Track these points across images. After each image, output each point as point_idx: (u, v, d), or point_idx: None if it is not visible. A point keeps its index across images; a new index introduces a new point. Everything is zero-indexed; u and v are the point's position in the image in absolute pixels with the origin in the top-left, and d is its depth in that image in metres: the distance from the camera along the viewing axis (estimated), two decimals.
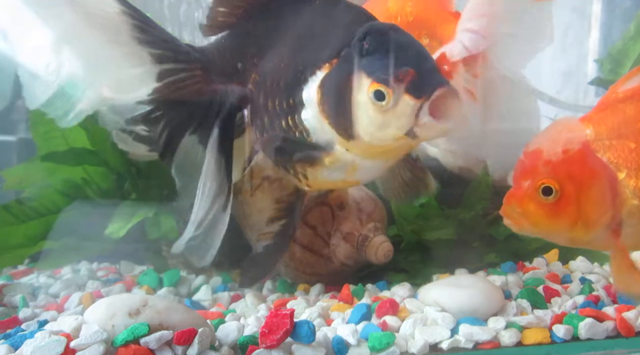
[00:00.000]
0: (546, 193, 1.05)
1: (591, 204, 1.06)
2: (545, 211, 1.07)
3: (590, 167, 1.07)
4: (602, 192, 1.06)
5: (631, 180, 1.06)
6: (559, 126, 1.12)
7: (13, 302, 1.27)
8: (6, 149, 1.93)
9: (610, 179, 1.06)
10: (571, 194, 1.05)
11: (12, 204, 1.34)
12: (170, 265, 1.53)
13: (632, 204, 1.06)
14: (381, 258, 1.35)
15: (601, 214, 1.06)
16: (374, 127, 1.01)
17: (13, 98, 2.01)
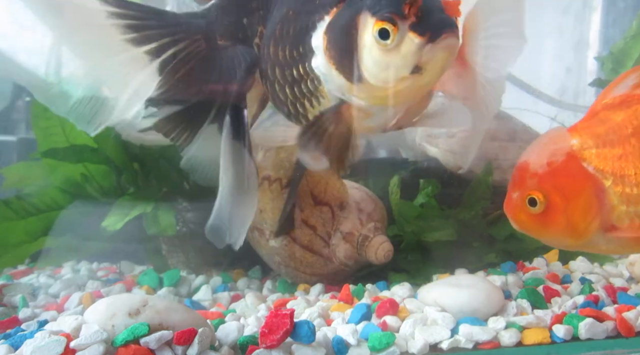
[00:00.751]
0: (532, 204, 1.10)
1: (578, 213, 1.09)
2: (534, 221, 1.11)
3: (575, 177, 1.10)
4: (588, 200, 1.09)
5: (618, 187, 1.08)
6: (546, 138, 1.16)
7: (13, 302, 1.27)
8: (6, 149, 1.93)
9: (597, 188, 1.09)
10: (558, 204, 1.09)
11: (12, 200, 1.34)
12: (170, 265, 1.53)
13: (621, 210, 1.08)
14: (381, 258, 1.35)
15: (589, 222, 1.09)
16: (379, 68, 0.99)
17: (13, 98, 2.02)
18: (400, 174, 1.55)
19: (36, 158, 1.50)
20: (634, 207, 1.08)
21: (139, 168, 1.46)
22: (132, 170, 1.44)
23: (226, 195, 1.12)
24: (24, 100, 2.04)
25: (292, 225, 1.36)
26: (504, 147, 1.66)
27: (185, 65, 1.11)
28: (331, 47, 1.02)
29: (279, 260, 1.41)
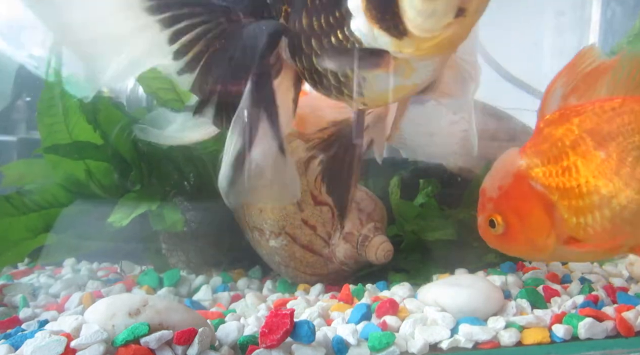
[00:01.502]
0: (492, 226, 1.19)
1: (533, 230, 1.15)
2: (499, 240, 1.21)
3: (525, 196, 1.16)
4: (539, 217, 1.14)
5: (564, 201, 1.13)
6: (499, 162, 1.23)
7: (13, 302, 1.27)
8: (6, 149, 1.93)
9: (546, 204, 1.14)
10: (514, 224, 1.17)
11: (14, 196, 1.34)
12: (170, 265, 1.53)
13: (572, 223, 1.13)
14: (381, 258, 1.35)
15: (545, 237, 1.14)
16: (423, 17, 0.96)
17: (13, 98, 2.02)
18: (400, 174, 1.55)
19: (37, 155, 1.50)
20: (583, 219, 1.12)
21: (145, 166, 1.46)
22: (140, 168, 1.45)
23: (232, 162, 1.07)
24: (24, 100, 2.04)
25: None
26: (504, 147, 1.66)
27: (203, 41, 1.08)
28: (371, 6, 0.99)
29: (279, 260, 1.41)
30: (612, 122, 1.14)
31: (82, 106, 1.40)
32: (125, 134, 1.40)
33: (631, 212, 1.10)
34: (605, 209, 1.11)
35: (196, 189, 1.56)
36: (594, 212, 1.12)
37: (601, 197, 1.11)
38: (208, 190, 1.55)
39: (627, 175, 1.11)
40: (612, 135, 1.13)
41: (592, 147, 1.13)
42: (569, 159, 1.14)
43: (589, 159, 1.12)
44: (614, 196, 1.10)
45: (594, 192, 1.11)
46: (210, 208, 1.57)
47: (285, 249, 1.38)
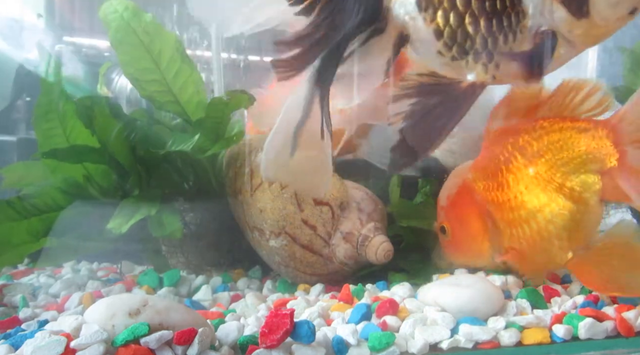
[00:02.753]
0: (443, 232, 1.31)
1: (471, 237, 1.26)
2: (448, 246, 1.33)
3: (467, 207, 1.27)
4: (475, 226, 1.25)
5: (498, 213, 1.22)
6: (452, 174, 1.35)
7: (13, 302, 1.27)
8: (6, 149, 1.93)
9: (482, 214, 1.24)
10: (457, 230, 1.29)
11: (15, 200, 1.34)
12: (170, 265, 1.53)
13: (507, 233, 1.21)
14: (381, 258, 1.35)
15: (479, 244, 1.25)
16: (609, 3, 0.96)
17: (13, 98, 2.02)
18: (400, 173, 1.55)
19: (36, 158, 1.50)
20: (515, 230, 1.20)
21: (143, 171, 1.46)
22: (138, 172, 1.44)
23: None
24: (24, 100, 2.05)
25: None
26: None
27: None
28: None
29: (279, 260, 1.41)
30: (541, 140, 1.20)
31: (78, 111, 1.40)
32: (123, 138, 1.40)
33: (556, 226, 1.17)
34: (532, 222, 1.18)
35: (196, 190, 1.56)
36: (523, 224, 1.19)
37: (528, 211, 1.18)
38: (207, 192, 1.56)
39: (554, 191, 1.17)
40: (541, 152, 1.19)
41: (522, 164, 1.20)
42: (502, 175, 1.22)
43: (519, 175, 1.20)
44: (539, 211, 1.17)
45: (521, 206, 1.19)
46: (210, 209, 1.57)
47: (285, 249, 1.38)
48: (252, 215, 1.41)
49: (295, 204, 1.36)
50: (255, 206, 1.40)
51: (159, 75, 1.44)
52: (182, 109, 1.48)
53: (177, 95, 1.47)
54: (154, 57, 1.43)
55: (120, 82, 1.98)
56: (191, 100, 1.47)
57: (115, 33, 1.41)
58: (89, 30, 2.14)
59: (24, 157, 1.77)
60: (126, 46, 1.42)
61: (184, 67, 1.45)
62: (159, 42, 1.43)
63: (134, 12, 1.41)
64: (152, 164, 1.47)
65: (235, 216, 1.52)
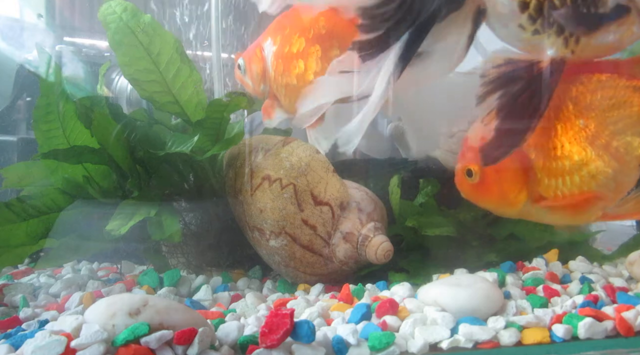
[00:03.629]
0: (469, 175, 1.23)
1: (507, 184, 1.20)
2: (472, 190, 1.26)
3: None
4: (515, 173, 1.18)
5: (539, 161, 1.16)
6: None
7: (14, 302, 1.28)
8: (6, 149, 1.93)
9: (523, 161, 1.17)
10: (489, 175, 1.21)
11: (14, 202, 1.34)
12: (170, 265, 1.53)
13: (544, 183, 1.16)
14: (381, 258, 1.35)
15: (517, 192, 1.19)
16: None
17: (13, 98, 2.02)
18: (400, 174, 1.55)
19: (37, 159, 1.51)
20: (554, 180, 1.16)
21: (143, 171, 1.46)
22: (137, 174, 1.44)
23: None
24: (24, 100, 2.05)
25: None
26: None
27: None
28: None
29: (279, 260, 1.42)
30: (595, 94, 1.16)
31: (78, 111, 1.40)
32: (122, 139, 1.40)
33: (598, 183, 1.13)
34: (575, 174, 1.14)
35: (196, 191, 1.56)
36: (565, 175, 1.15)
37: (573, 163, 1.14)
38: (207, 192, 1.56)
39: (600, 147, 1.13)
40: (594, 106, 1.15)
41: (572, 114, 1.16)
42: (550, 121, 1.16)
43: (568, 125, 1.15)
44: (585, 164, 1.13)
45: (566, 157, 1.14)
46: (210, 209, 1.57)
47: (285, 249, 1.38)
48: (252, 215, 1.41)
49: (295, 204, 1.36)
50: (255, 206, 1.40)
51: (159, 76, 1.44)
52: (182, 109, 1.48)
53: (177, 96, 1.47)
54: (153, 57, 1.43)
55: (121, 83, 1.98)
56: (191, 100, 1.47)
57: (114, 34, 1.41)
58: (89, 30, 2.15)
59: (25, 157, 1.77)
60: (125, 47, 1.42)
61: (183, 68, 1.45)
62: (158, 43, 1.43)
63: (132, 13, 1.41)
64: (152, 164, 1.47)
65: (235, 216, 1.52)
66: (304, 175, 1.38)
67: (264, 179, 1.40)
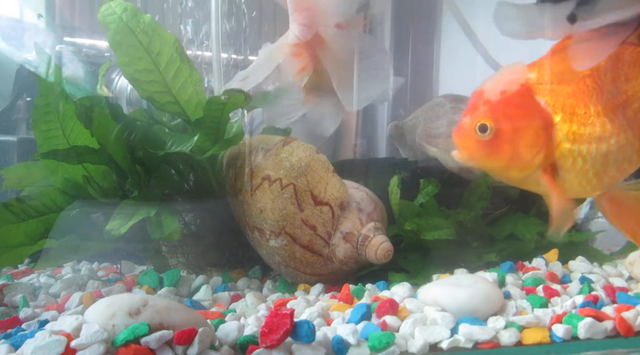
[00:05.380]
0: (482, 130, 1.12)
1: (524, 144, 1.11)
2: (481, 147, 1.13)
3: (526, 108, 1.12)
4: (535, 133, 1.10)
5: (565, 124, 1.10)
6: (506, 69, 1.17)
7: (14, 302, 1.28)
8: (6, 149, 1.93)
9: (546, 122, 1.10)
10: (505, 133, 1.11)
11: (13, 202, 1.34)
12: (170, 265, 1.53)
13: (565, 148, 1.09)
14: (381, 258, 1.35)
15: (533, 154, 1.10)
16: None
17: (13, 98, 2.02)
18: (400, 174, 1.55)
19: (36, 159, 1.51)
20: (577, 146, 1.09)
21: (142, 171, 1.46)
22: (137, 174, 1.44)
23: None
24: (24, 100, 2.05)
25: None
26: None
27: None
28: None
29: (279, 260, 1.42)
30: (629, 67, 1.10)
31: (78, 111, 1.40)
32: (122, 139, 1.40)
33: (615, 159, 1.09)
34: (602, 143, 1.08)
35: (196, 191, 1.56)
36: (591, 143, 1.09)
37: (603, 131, 1.08)
38: (207, 192, 1.56)
39: (628, 121, 1.09)
40: (627, 78, 1.10)
41: (603, 83, 1.10)
42: (584, 85, 1.10)
43: (597, 93, 1.09)
44: (611, 136, 1.08)
45: (597, 124, 1.08)
46: (210, 209, 1.57)
47: (285, 249, 1.38)
48: (252, 215, 1.41)
49: (295, 204, 1.36)
50: (255, 206, 1.40)
51: (158, 76, 1.44)
52: (182, 109, 1.48)
53: (177, 96, 1.47)
54: (152, 57, 1.43)
55: (121, 83, 1.98)
56: (191, 100, 1.47)
57: (114, 35, 1.41)
58: (89, 30, 2.15)
59: (25, 158, 1.77)
60: (125, 47, 1.42)
61: (183, 67, 1.45)
62: (157, 43, 1.43)
63: (132, 13, 1.41)
64: (152, 164, 1.47)
65: (235, 216, 1.52)
66: (304, 175, 1.38)
67: (264, 179, 1.40)
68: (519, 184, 1.21)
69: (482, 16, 1.97)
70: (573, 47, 1.12)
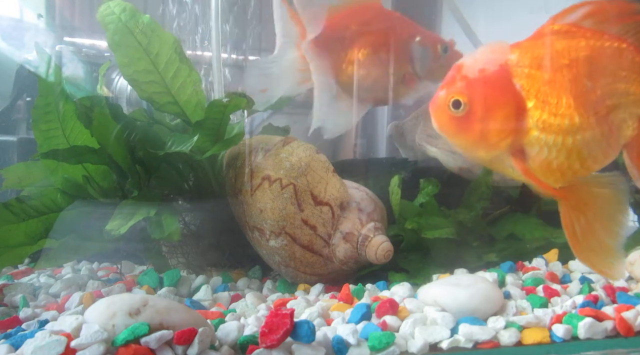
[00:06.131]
0: (455, 106, 1.11)
1: (494, 126, 1.10)
2: (453, 123, 1.13)
3: (501, 90, 1.10)
4: (506, 116, 1.09)
5: (537, 112, 1.08)
6: (488, 47, 1.16)
7: (14, 302, 1.28)
8: (7, 149, 1.94)
9: (518, 106, 1.09)
10: (477, 112, 1.10)
11: (13, 202, 1.34)
12: (170, 265, 1.53)
13: (533, 135, 1.09)
14: (381, 258, 1.35)
15: (502, 137, 1.10)
16: None
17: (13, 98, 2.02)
18: (401, 174, 1.55)
19: (36, 159, 1.51)
20: (545, 135, 1.08)
21: (142, 171, 1.46)
22: (137, 174, 1.44)
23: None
24: (24, 100, 2.05)
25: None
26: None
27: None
28: None
29: (279, 260, 1.42)
30: (610, 60, 1.10)
31: (78, 112, 1.40)
32: (122, 139, 1.40)
33: (579, 154, 1.09)
34: (568, 137, 1.08)
35: (196, 191, 1.56)
36: (558, 135, 1.08)
37: (571, 125, 1.07)
38: (207, 192, 1.56)
39: (598, 119, 1.08)
40: (605, 73, 1.10)
41: (582, 74, 1.09)
42: (560, 75, 1.09)
43: (575, 84, 1.08)
44: (582, 129, 1.08)
45: (567, 116, 1.07)
46: (210, 209, 1.57)
47: (285, 249, 1.38)
48: (252, 215, 1.41)
49: (295, 204, 1.36)
50: (255, 206, 1.40)
51: (158, 76, 1.44)
52: (181, 109, 1.48)
53: (176, 96, 1.47)
54: (152, 58, 1.43)
55: (121, 82, 1.98)
56: (190, 100, 1.47)
57: (113, 35, 1.41)
58: (89, 30, 2.15)
59: (25, 158, 1.77)
60: (124, 48, 1.42)
61: (182, 68, 1.45)
62: (157, 43, 1.43)
63: (131, 13, 1.41)
64: (152, 164, 1.47)
65: (235, 216, 1.52)
66: (304, 175, 1.38)
67: (264, 179, 1.40)
68: (485, 164, 1.21)
69: (482, 16, 1.97)
70: None
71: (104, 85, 1.78)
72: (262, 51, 2.12)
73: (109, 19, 1.41)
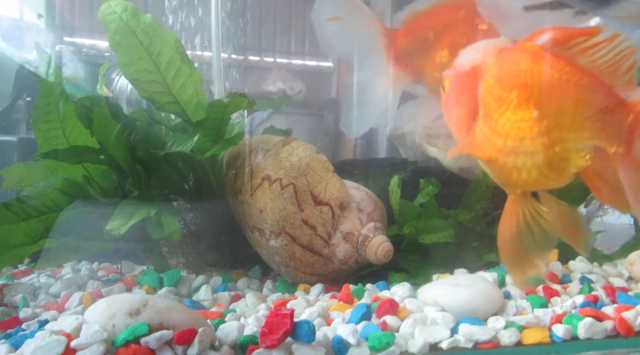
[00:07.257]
0: (443, 88, 1.22)
1: (452, 122, 1.21)
2: (443, 102, 1.24)
3: (463, 91, 1.17)
4: (460, 117, 1.18)
5: (481, 122, 1.13)
6: (481, 44, 1.20)
7: (14, 302, 1.28)
8: (7, 149, 1.94)
9: (470, 110, 1.15)
10: (446, 104, 1.22)
11: (13, 202, 1.34)
12: (170, 265, 1.53)
13: (478, 141, 1.13)
14: (381, 258, 1.35)
15: (461, 135, 1.18)
16: None
17: (13, 98, 2.02)
18: (401, 174, 1.55)
19: (36, 159, 1.51)
20: (486, 144, 1.11)
21: (143, 171, 1.46)
22: (137, 174, 1.44)
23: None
24: (25, 100, 2.05)
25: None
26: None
27: None
28: None
29: (279, 260, 1.42)
30: (569, 90, 1.07)
31: (78, 111, 1.40)
32: (122, 139, 1.40)
33: (509, 175, 1.11)
34: (500, 156, 1.10)
35: (196, 191, 1.56)
36: (496, 150, 1.10)
37: (504, 146, 1.08)
38: (207, 192, 1.56)
39: (538, 145, 1.07)
40: (576, 94, 1.07)
41: (534, 102, 1.07)
42: (511, 94, 1.09)
43: (526, 109, 1.08)
44: (512, 153, 1.08)
45: (502, 135, 1.09)
46: (210, 209, 1.57)
47: (285, 249, 1.38)
48: (252, 215, 1.41)
49: (295, 204, 1.36)
50: (255, 206, 1.40)
51: (159, 76, 1.44)
52: (182, 109, 1.48)
53: (177, 96, 1.46)
54: (153, 58, 1.43)
55: (121, 83, 1.98)
56: (191, 100, 1.47)
57: (114, 34, 1.41)
58: (89, 30, 2.15)
59: (25, 158, 1.77)
60: (125, 47, 1.42)
61: (183, 68, 1.45)
62: (158, 43, 1.43)
63: (132, 13, 1.41)
64: (152, 164, 1.47)
65: (235, 216, 1.52)
66: (304, 175, 1.38)
67: (264, 179, 1.40)
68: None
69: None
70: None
71: (104, 85, 1.78)
72: (261, 51, 2.12)
73: (110, 18, 1.41)
